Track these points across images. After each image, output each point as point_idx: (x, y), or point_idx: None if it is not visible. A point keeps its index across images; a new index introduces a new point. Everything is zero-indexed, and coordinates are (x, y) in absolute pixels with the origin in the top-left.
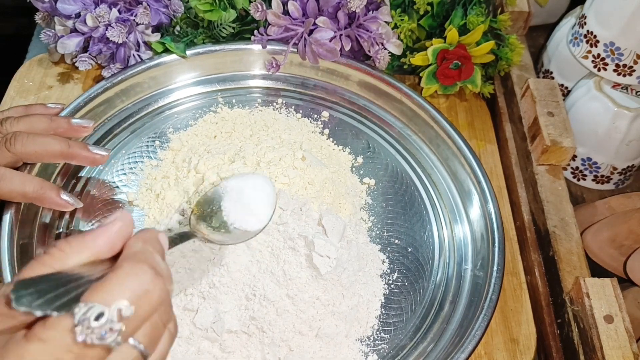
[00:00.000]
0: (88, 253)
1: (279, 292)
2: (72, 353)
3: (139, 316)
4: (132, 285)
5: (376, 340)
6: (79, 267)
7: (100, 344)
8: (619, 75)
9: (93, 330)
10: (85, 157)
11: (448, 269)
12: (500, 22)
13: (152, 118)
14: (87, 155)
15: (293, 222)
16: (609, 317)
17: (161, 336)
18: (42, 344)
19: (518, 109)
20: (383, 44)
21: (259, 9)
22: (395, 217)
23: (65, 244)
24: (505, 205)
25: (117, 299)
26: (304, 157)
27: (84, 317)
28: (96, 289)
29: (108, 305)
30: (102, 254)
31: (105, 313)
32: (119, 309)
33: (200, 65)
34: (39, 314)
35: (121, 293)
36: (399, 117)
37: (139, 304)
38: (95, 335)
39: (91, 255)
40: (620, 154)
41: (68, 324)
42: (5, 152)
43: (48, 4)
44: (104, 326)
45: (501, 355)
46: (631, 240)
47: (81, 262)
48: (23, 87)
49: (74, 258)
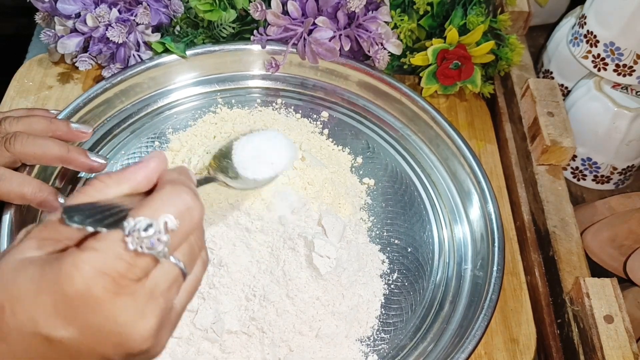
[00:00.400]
0: (127, 185)
1: (279, 293)
2: (123, 261)
3: (182, 231)
4: (176, 202)
5: (376, 340)
6: (118, 198)
7: (149, 252)
8: (619, 75)
9: (143, 240)
10: (82, 164)
11: (448, 269)
12: (500, 22)
13: (151, 118)
14: (85, 162)
15: (293, 223)
16: (609, 317)
17: (197, 259)
18: (95, 253)
19: (518, 109)
20: (382, 44)
21: (258, 8)
22: (395, 217)
23: (106, 176)
24: (505, 205)
25: (163, 213)
26: (303, 157)
27: (133, 228)
28: (143, 206)
29: (155, 218)
30: (140, 187)
31: (153, 225)
32: (165, 221)
33: (199, 65)
34: (91, 229)
35: (167, 208)
36: (398, 117)
37: (182, 219)
38: (145, 245)
39: (130, 187)
40: (620, 154)
41: (119, 236)
42: (4, 152)
43: (48, 4)
44: (153, 236)
45: (501, 355)
46: (631, 240)
47: (120, 193)
48: (23, 87)
49: (114, 189)
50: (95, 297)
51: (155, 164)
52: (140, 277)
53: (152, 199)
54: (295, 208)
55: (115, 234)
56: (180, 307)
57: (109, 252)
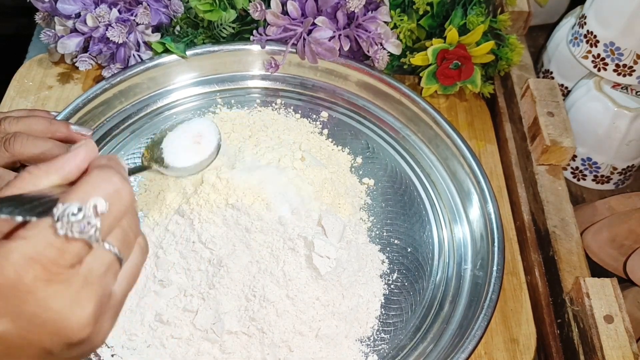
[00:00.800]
0: (56, 175)
1: (279, 293)
2: (54, 247)
3: (113, 214)
4: (104, 185)
5: (376, 340)
6: (49, 188)
7: (80, 237)
8: (619, 75)
9: (72, 225)
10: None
11: (448, 269)
12: (500, 22)
13: (151, 119)
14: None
15: (292, 223)
16: (609, 317)
17: (133, 245)
18: (24, 241)
19: (518, 109)
20: (382, 44)
21: (257, 8)
22: (395, 217)
23: (35, 167)
24: (505, 205)
25: (92, 197)
26: (303, 158)
27: (62, 213)
28: (71, 191)
29: (84, 202)
30: (70, 176)
31: (82, 208)
32: (95, 204)
33: (199, 65)
34: (20, 219)
35: (96, 191)
36: (398, 117)
37: (112, 202)
38: (75, 229)
39: (60, 177)
40: (620, 154)
41: (49, 222)
42: (4, 153)
43: (48, 4)
44: (83, 220)
45: (501, 355)
46: (631, 240)
47: (51, 184)
48: (23, 87)
49: (44, 180)
50: (26, 285)
51: (84, 152)
52: (73, 263)
53: (81, 183)
54: (295, 208)
55: (45, 221)
56: (121, 294)
57: (39, 239)
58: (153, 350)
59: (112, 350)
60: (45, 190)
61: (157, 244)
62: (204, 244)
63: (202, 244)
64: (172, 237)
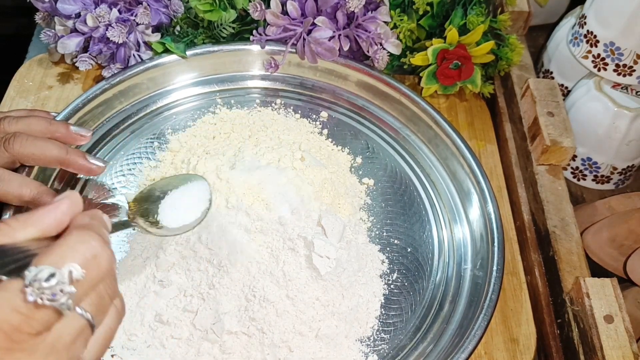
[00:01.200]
0: (35, 229)
1: (279, 293)
2: (20, 314)
3: (89, 281)
4: (82, 250)
5: (376, 340)
6: (25, 242)
7: (50, 304)
8: (619, 75)
9: (44, 291)
10: (82, 166)
11: (448, 269)
12: (500, 22)
13: (150, 119)
14: (84, 164)
15: (292, 223)
16: (609, 317)
17: (108, 309)
18: None
19: (518, 109)
20: (382, 44)
21: (257, 8)
22: (395, 217)
23: (13, 219)
24: (505, 205)
25: (68, 262)
26: (303, 158)
27: (35, 278)
28: (47, 253)
29: (59, 267)
30: (49, 231)
31: (56, 274)
32: (70, 270)
33: (198, 66)
34: None
35: (72, 256)
36: (397, 117)
37: (89, 268)
38: (46, 296)
39: (38, 231)
40: (620, 154)
41: (18, 285)
42: (3, 153)
43: (48, 4)
44: (55, 287)
45: (501, 355)
46: (631, 240)
47: (28, 237)
48: (23, 87)
49: (21, 233)
50: None
51: (66, 206)
52: (39, 330)
53: (57, 245)
54: (294, 208)
55: (15, 283)
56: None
57: (5, 303)
58: (153, 350)
59: (112, 350)
60: (21, 244)
61: (157, 244)
62: (203, 244)
63: (202, 244)
64: (172, 238)
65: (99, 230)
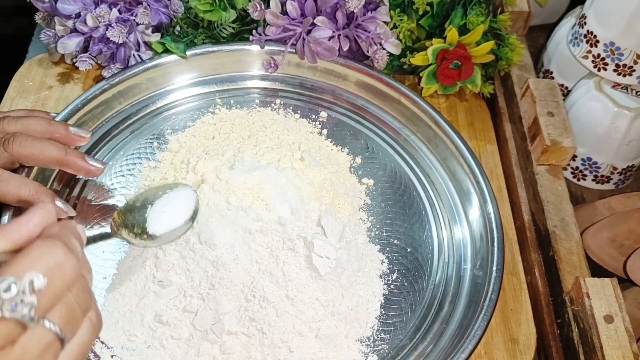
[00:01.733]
0: (5, 241)
1: (279, 293)
2: None
3: (53, 291)
4: (44, 258)
5: (376, 340)
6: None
7: (11, 316)
8: (619, 75)
9: (3, 302)
10: (80, 167)
11: (447, 269)
12: (500, 22)
13: (150, 119)
14: (83, 166)
15: (292, 223)
16: (609, 317)
17: (79, 321)
18: None
19: (518, 109)
20: (381, 44)
21: (257, 8)
22: (395, 217)
23: None
24: (505, 205)
25: (29, 271)
26: (302, 158)
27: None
28: (8, 264)
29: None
30: (20, 243)
31: (16, 284)
32: (31, 280)
33: (198, 66)
34: None
35: (33, 265)
36: (397, 117)
37: (52, 277)
38: (5, 308)
39: (9, 243)
40: (620, 154)
41: None
42: (2, 153)
43: (48, 4)
44: (16, 297)
45: (501, 355)
46: (631, 240)
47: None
48: (23, 87)
49: None
50: None
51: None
52: (2, 344)
53: (20, 256)
54: (294, 208)
55: None
56: None
57: None
58: (153, 350)
59: (111, 351)
60: None
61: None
62: (203, 244)
63: (201, 244)
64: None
65: (66, 239)
